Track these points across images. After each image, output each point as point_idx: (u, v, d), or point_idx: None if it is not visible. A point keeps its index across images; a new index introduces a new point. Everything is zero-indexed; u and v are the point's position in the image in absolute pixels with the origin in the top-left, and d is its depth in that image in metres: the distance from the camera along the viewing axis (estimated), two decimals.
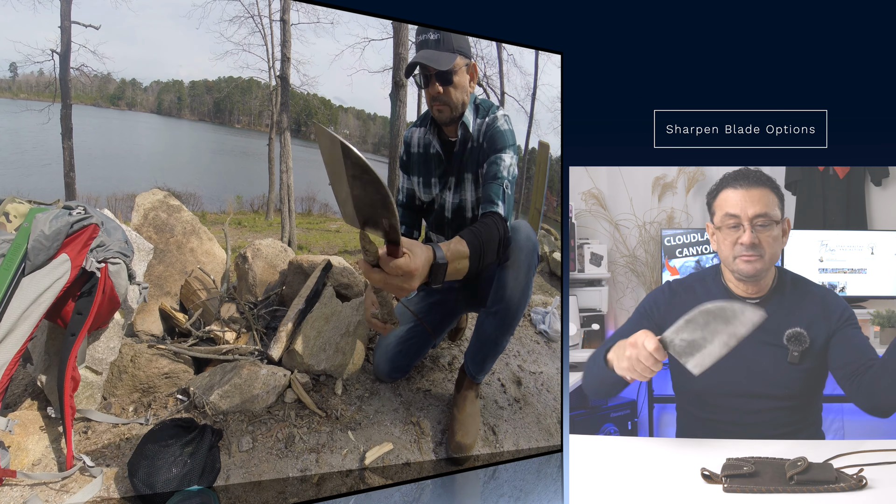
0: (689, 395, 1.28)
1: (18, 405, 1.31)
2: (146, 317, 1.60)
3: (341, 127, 4.10)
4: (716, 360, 1.02)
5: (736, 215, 1.20)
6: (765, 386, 1.21)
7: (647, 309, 1.33)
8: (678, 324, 1.04)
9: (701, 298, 1.28)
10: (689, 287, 1.32)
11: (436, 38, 1.32)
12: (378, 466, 1.39)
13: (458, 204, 1.49)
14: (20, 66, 2.39)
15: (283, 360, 1.55)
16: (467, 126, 1.41)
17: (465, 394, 1.53)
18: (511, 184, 1.34)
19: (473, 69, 1.40)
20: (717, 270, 1.29)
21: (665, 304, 1.31)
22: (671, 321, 1.29)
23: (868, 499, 0.94)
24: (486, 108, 1.43)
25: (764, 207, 1.19)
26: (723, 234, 1.23)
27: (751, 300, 1.23)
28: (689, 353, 1.03)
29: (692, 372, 1.04)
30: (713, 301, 1.24)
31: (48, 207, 1.23)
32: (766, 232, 1.19)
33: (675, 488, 1.00)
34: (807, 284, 1.25)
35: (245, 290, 1.80)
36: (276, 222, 3.62)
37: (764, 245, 1.19)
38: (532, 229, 1.38)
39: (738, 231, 1.20)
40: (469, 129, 1.41)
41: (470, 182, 1.45)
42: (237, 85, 3.64)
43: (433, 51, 1.32)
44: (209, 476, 1.23)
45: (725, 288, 1.26)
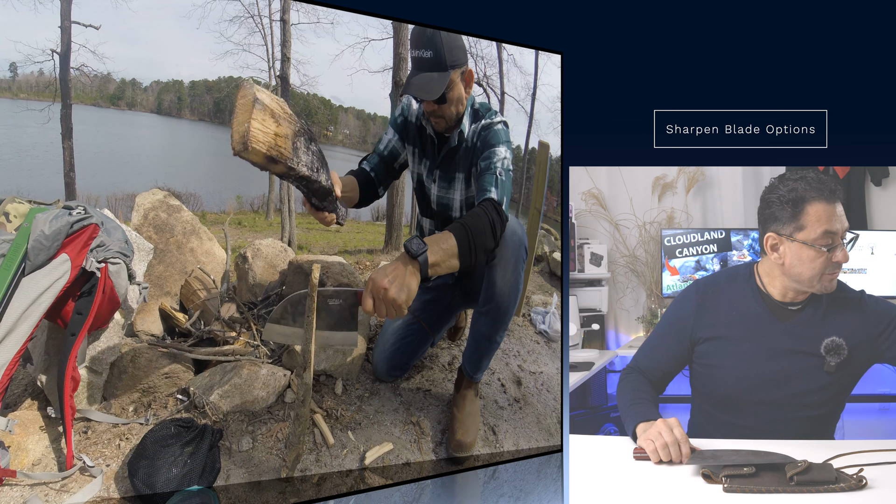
0: (714, 398, 1.25)
1: (18, 405, 1.31)
2: (146, 317, 1.60)
3: (341, 127, 4.10)
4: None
5: (834, 232, 1.14)
6: (795, 395, 1.18)
7: (676, 318, 1.29)
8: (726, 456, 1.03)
9: (732, 302, 1.24)
10: (720, 288, 1.27)
11: (430, 55, 1.28)
12: (378, 466, 1.39)
13: (444, 201, 1.47)
14: (20, 66, 2.39)
15: (283, 360, 1.55)
16: (463, 133, 1.41)
17: (464, 393, 1.53)
18: (506, 172, 1.31)
19: (469, 75, 1.37)
20: (749, 271, 1.24)
21: (694, 308, 1.27)
22: (702, 325, 1.26)
23: (868, 499, 0.94)
24: (484, 112, 1.42)
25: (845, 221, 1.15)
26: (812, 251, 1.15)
27: (792, 306, 1.19)
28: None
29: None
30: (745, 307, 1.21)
31: (48, 207, 1.23)
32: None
33: (675, 488, 1.00)
34: (841, 287, 1.21)
35: (245, 290, 1.80)
36: (276, 222, 3.62)
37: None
38: (518, 224, 1.36)
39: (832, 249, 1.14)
40: (465, 135, 1.41)
41: (461, 181, 1.44)
42: (237, 85, 3.64)
43: (426, 75, 1.28)
44: (209, 476, 1.23)
45: (760, 291, 1.22)
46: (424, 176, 1.50)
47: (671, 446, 1.06)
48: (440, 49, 1.27)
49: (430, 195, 1.49)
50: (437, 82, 1.27)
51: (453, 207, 1.47)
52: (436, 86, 1.27)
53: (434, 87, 1.27)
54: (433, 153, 1.46)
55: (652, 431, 1.09)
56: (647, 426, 1.12)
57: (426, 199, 1.52)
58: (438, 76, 1.28)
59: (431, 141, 1.45)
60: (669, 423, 1.09)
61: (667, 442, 1.06)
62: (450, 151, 1.42)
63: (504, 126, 1.39)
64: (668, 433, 1.07)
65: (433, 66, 1.28)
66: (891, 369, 2.06)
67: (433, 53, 1.27)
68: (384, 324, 1.63)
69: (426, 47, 1.28)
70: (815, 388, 1.16)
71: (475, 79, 1.43)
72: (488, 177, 1.30)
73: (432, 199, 1.49)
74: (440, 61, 1.28)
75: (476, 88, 3.45)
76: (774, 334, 1.21)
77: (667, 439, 1.07)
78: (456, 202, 1.46)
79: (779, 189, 1.18)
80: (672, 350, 1.29)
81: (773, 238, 1.18)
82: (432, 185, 1.47)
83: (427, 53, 1.28)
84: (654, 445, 1.07)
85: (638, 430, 1.13)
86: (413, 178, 1.55)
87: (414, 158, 1.52)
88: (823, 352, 1.06)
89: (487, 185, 1.29)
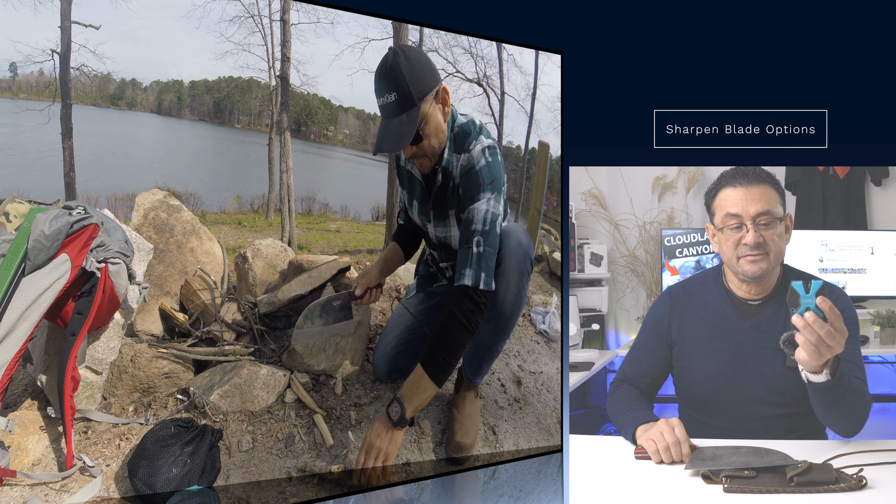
0: (692, 399, 1.27)
1: (18, 405, 1.31)
2: (146, 317, 1.60)
3: (341, 127, 4.10)
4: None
5: (738, 215, 1.17)
6: (767, 391, 1.19)
7: (654, 323, 1.31)
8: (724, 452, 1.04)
9: (702, 303, 1.27)
10: (690, 292, 1.30)
11: (393, 98, 1.18)
12: (378, 466, 1.39)
13: (444, 239, 1.44)
14: (20, 66, 2.39)
15: (283, 360, 1.55)
16: (447, 169, 1.33)
17: (464, 394, 1.54)
18: (485, 236, 1.24)
19: (443, 93, 1.25)
20: (717, 272, 1.27)
21: (668, 314, 1.29)
22: (677, 329, 1.29)
23: (868, 499, 0.94)
24: (465, 136, 1.31)
25: (766, 205, 1.16)
26: (725, 236, 1.20)
27: (752, 301, 1.22)
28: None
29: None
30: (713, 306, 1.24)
31: (48, 207, 1.23)
32: (769, 230, 1.16)
33: (675, 488, 1.00)
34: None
35: (245, 290, 1.80)
36: (276, 222, 3.62)
37: (768, 243, 1.16)
38: (525, 233, 1.34)
39: (741, 231, 1.17)
40: (449, 170, 1.33)
41: (453, 217, 1.39)
42: (237, 85, 3.65)
43: (392, 122, 1.20)
44: (209, 476, 1.23)
45: (727, 290, 1.25)
46: (418, 216, 1.47)
47: (672, 447, 1.06)
48: (403, 86, 1.17)
49: (427, 233, 1.48)
50: (406, 126, 1.19)
51: (453, 244, 1.42)
52: (405, 130, 1.19)
53: (404, 134, 1.19)
54: (423, 195, 1.41)
55: (654, 432, 1.09)
56: (647, 427, 1.13)
57: (427, 235, 1.51)
58: (407, 117, 1.19)
59: (420, 184, 1.41)
60: (671, 423, 1.09)
61: (668, 443, 1.07)
62: (438, 191, 1.36)
63: (488, 157, 1.28)
64: (670, 433, 1.08)
65: (399, 108, 1.19)
66: (891, 369, 2.06)
67: (397, 94, 1.18)
68: (386, 326, 1.63)
69: (388, 90, 1.19)
70: (786, 385, 1.17)
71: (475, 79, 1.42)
72: (463, 253, 1.25)
73: (432, 236, 1.47)
74: (406, 99, 1.18)
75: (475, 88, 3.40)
76: (741, 332, 1.22)
77: (668, 440, 1.07)
78: (454, 239, 1.41)
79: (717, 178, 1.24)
80: (655, 355, 1.31)
81: (709, 230, 1.25)
82: (428, 224, 1.44)
83: (391, 97, 1.19)
84: (655, 446, 1.07)
85: (638, 433, 1.14)
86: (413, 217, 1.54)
87: (408, 202, 1.49)
88: (782, 346, 1.05)
89: (462, 266, 1.24)
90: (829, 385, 1.04)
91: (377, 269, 1.52)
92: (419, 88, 1.19)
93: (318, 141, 4.09)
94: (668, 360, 1.29)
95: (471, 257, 1.24)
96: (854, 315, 1.19)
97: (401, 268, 1.72)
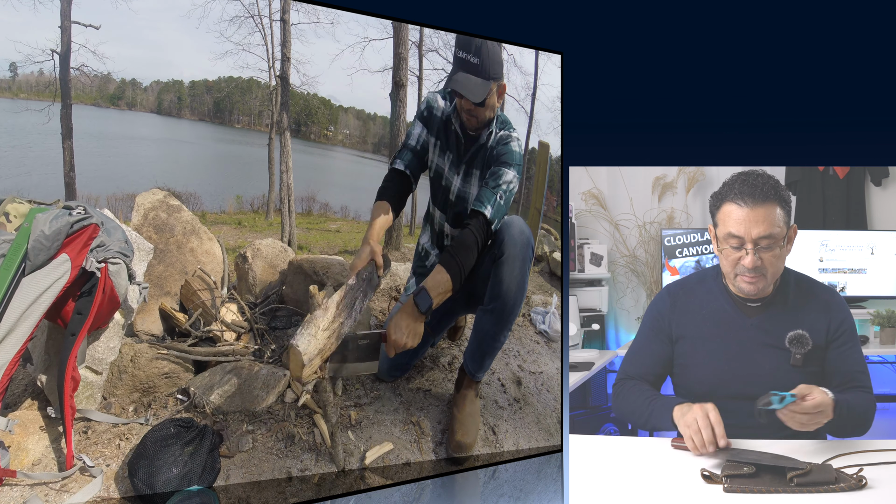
0: (692, 397, 1.27)
1: (18, 405, 1.31)
2: (146, 317, 1.60)
3: (341, 127, 4.10)
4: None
5: (739, 237, 1.15)
6: (767, 390, 1.19)
7: (654, 321, 1.31)
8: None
9: (702, 301, 1.27)
10: (690, 290, 1.29)
11: (476, 62, 1.37)
12: (378, 466, 1.39)
13: (463, 194, 1.54)
14: (20, 66, 2.39)
15: (283, 360, 1.55)
16: (491, 135, 1.49)
17: (464, 393, 1.54)
18: (506, 194, 1.41)
19: (502, 89, 1.47)
20: (717, 271, 1.27)
21: (668, 311, 1.29)
22: (677, 327, 1.28)
23: (868, 499, 0.94)
24: (502, 124, 1.51)
25: (769, 227, 1.13)
26: (724, 252, 1.19)
27: (752, 303, 1.22)
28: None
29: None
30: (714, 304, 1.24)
31: (48, 207, 1.23)
32: (769, 252, 1.14)
33: (675, 488, 1.00)
34: (811, 285, 1.23)
35: (245, 290, 1.80)
36: (276, 222, 3.62)
37: (766, 265, 1.15)
38: (525, 223, 1.43)
39: (741, 252, 1.16)
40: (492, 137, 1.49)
41: (476, 178, 1.53)
42: (237, 85, 3.64)
43: (471, 78, 1.38)
44: (209, 476, 1.23)
45: (727, 289, 1.24)
46: (446, 169, 1.56)
47: (704, 430, 1.06)
48: (485, 59, 1.37)
49: (450, 187, 1.56)
50: (481, 87, 1.38)
51: (469, 200, 1.53)
52: (480, 90, 1.38)
53: (479, 91, 1.38)
54: (458, 149, 1.53)
55: (689, 418, 1.09)
56: (684, 409, 1.12)
57: (444, 190, 1.57)
58: (482, 83, 1.38)
59: (457, 136, 1.51)
60: (706, 409, 1.09)
61: (701, 427, 1.07)
62: (477, 149, 1.50)
63: (519, 146, 1.48)
64: (704, 419, 1.07)
65: (478, 72, 1.38)
66: (891, 369, 2.06)
67: (479, 61, 1.37)
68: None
69: (475, 54, 1.38)
70: (787, 383, 1.16)
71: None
72: (489, 193, 1.41)
73: (452, 190, 1.55)
74: (484, 70, 1.38)
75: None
76: (742, 330, 1.22)
77: (702, 425, 1.06)
78: (472, 196, 1.53)
79: (723, 184, 1.22)
80: (657, 352, 1.30)
81: (711, 230, 1.24)
82: (455, 177, 1.55)
83: (474, 59, 1.38)
84: (700, 438, 1.07)
85: (676, 414, 1.13)
86: (431, 170, 1.60)
87: (435, 150, 1.56)
88: (788, 344, 1.05)
89: (486, 200, 1.40)
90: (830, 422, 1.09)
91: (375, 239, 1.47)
92: (494, 71, 1.40)
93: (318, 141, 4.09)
94: (670, 357, 1.29)
95: (494, 198, 1.40)
96: (852, 323, 1.20)
97: (401, 268, 1.72)
